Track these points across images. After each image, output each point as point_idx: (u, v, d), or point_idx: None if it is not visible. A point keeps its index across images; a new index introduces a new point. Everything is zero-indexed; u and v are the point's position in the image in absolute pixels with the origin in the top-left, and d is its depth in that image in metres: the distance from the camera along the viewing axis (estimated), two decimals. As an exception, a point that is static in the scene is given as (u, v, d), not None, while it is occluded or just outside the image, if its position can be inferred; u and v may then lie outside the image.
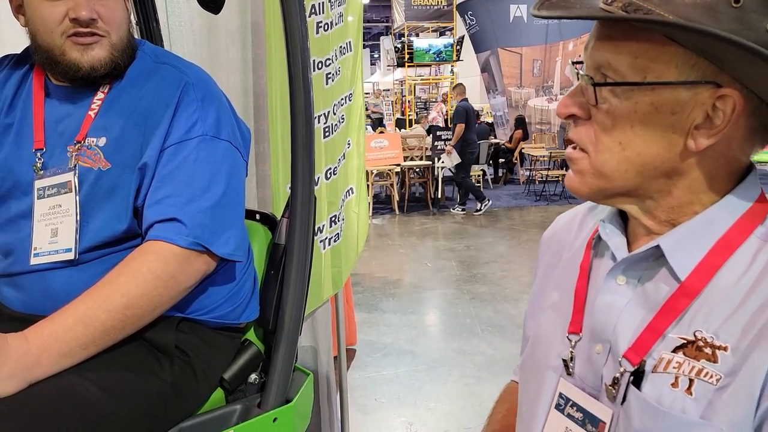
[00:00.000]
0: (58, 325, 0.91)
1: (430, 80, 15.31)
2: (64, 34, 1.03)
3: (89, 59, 1.04)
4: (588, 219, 0.82)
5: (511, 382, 1.00)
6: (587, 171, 0.67)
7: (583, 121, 0.66)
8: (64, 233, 1.02)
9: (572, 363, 0.71)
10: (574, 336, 0.72)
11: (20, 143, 1.08)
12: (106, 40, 1.06)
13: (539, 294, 0.85)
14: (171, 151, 1.05)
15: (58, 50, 1.04)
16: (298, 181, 1.19)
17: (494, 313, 4.16)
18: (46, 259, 1.02)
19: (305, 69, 1.15)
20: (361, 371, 3.29)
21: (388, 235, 6.90)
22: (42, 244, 1.03)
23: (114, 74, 1.09)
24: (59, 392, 0.89)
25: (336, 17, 2.31)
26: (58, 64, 1.05)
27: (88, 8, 1.01)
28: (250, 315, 1.22)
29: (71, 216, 1.03)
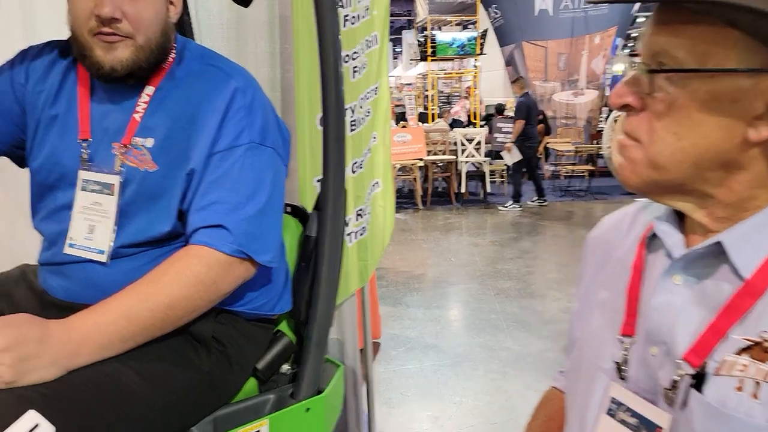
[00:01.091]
0: (101, 318, 0.93)
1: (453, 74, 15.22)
2: (91, 31, 1.02)
3: (110, 59, 1.03)
4: (639, 218, 0.79)
5: (552, 389, 0.96)
6: (640, 161, 0.64)
7: (637, 111, 0.64)
8: (100, 234, 1.04)
9: (625, 366, 0.69)
10: (627, 338, 0.70)
11: (65, 135, 1.10)
12: (130, 41, 1.04)
13: (588, 295, 0.82)
14: (218, 157, 1.05)
15: (87, 46, 1.04)
16: (330, 175, 1.20)
17: (520, 309, 4.13)
18: (79, 253, 1.05)
19: (337, 64, 1.16)
20: (386, 365, 3.30)
21: (412, 230, 6.90)
22: (78, 236, 1.05)
23: (142, 75, 1.08)
24: (102, 378, 0.91)
25: (362, 10, 2.31)
26: (86, 59, 1.05)
27: (111, 6, 1.00)
28: (283, 307, 1.23)
29: (109, 219, 1.04)
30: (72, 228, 1.06)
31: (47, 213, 1.12)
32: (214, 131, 1.06)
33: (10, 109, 1.14)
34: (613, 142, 0.67)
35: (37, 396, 0.83)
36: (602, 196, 8.80)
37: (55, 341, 0.88)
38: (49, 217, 1.12)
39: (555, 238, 6.40)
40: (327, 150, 1.19)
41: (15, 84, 1.14)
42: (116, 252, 1.05)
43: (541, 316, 3.98)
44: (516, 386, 2.99)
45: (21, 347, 0.84)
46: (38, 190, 1.14)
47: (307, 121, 2.14)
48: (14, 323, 0.87)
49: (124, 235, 1.05)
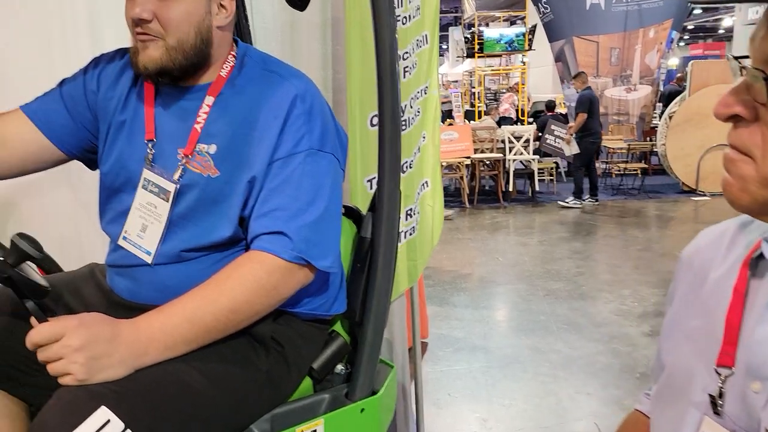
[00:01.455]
0: (167, 320, 0.96)
1: (500, 71, 15.05)
2: (133, 33, 1.07)
3: (142, 58, 1.07)
4: (741, 236, 0.72)
5: (635, 412, 0.90)
6: (751, 178, 0.58)
7: (748, 122, 0.59)
8: (150, 235, 1.08)
9: (721, 400, 0.63)
10: (725, 369, 0.64)
11: (133, 139, 1.14)
12: (161, 41, 1.06)
13: (679, 317, 0.76)
14: (279, 164, 1.07)
15: (133, 48, 1.09)
16: (385, 176, 1.20)
17: (570, 311, 4.05)
18: (130, 248, 1.09)
19: (393, 65, 1.15)
20: (434, 365, 3.29)
21: (458, 229, 6.86)
22: (132, 232, 1.09)
23: (174, 75, 1.10)
24: (167, 378, 0.94)
25: (413, 10, 2.31)
26: (132, 61, 1.10)
27: (140, 7, 1.03)
28: (338, 308, 1.24)
29: (161, 223, 1.08)
30: (128, 222, 1.10)
31: (113, 216, 1.17)
32: (275, 138, 1.08)
33: (83, 116, 1.19)
34: (723, 158, 0.60)
35: (108, 393, 0.87)
36: (656, 194, 8.54)
37: (124, 341, 0.91)
38: (115, 220, 1.16)
39: (607, 238, 6.25)
40: (382, 151, 1.19)
41: (88, 91, 1.19)
42: (179, 256, 1.08)
43: (593, 319, 3.90)
44: (566, 390, 2.94)
45: (93, 346, 0.88)
46: (106, 193, 1.18)
47: (358, 121, 2.16)
48: (87, 323, 0.90)
49: (186, 239, 1.08)
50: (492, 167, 8.70)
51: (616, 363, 3.22)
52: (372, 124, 2.19)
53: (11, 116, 1.18)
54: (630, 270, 4.98)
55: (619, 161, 9.71)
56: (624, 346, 3.44)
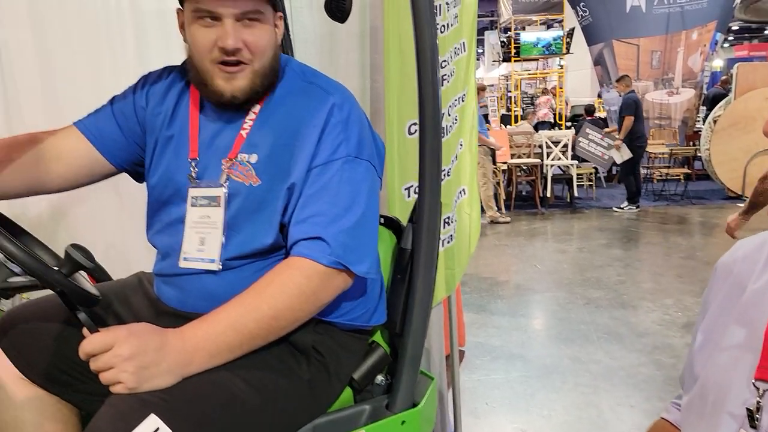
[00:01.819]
0: (211, 328, 0.98)
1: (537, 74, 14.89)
2: (213, 61, 1.09)
3: (231, 88, 1.10)
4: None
5: (661, 420, 0.90)
6: None
7: None
8: (210, 244, 1.10)
9: (759, 414, 0.62)
10: (763, 383, 0.63)
11: (179, 154, 1.18)
12: (248, 68, 1.10)
13: (715, 328, 0.75)
14: (317, 171, 1.09)
15: (207, 74, 1.10)
16: (426, 187, 1.20)
17: (611, 320, 3.97)
18: (193, 264, 1.11)
19: (435, 76, 1.15)
20: (471, 374, 3.26)
21: (495, 235, 6.80)
22: (191, 249, 1.12)
23: (255, 99, 1.13)
24: (213, 386, 0.96)
25: (452, 18, 2.31)
26: (206, 86, 1.12)
27: (234, 38, 1.06)
28: (378, 318, 1.25)
29: (218, 229, 1.10)
30: (185, 242, 1.13)
31: (161, 227, 1.20)
32: (313, 146, 1.10)
33: (133, 131, 1.24)
34: None
35: (158, 401, 0.89)
36: (700, 201, 8.31)
37: (171, 350, 0.94)
38: (163, 231, 1.20)
39: (648, 246, 6.11)
40: (423, 163, 1.19)
41: (137, 107, 1.24)
42: (224, 264, 1.11)
43: (635, 328, 3.81)
44: (608, 401, 2.88)
45: (143, 356, 0.91)
46: (154, 205, 1.22)
47: (395, 129, 2.17)
48: (136, 332, 0.93)
49: (230, 248, 1.11)
50: (529, 173, 8.61)
51: (660, 375, 3.14)
52: (410, 132, 2.19)
53: (66, 132, 1.23)
54: (673, 278, 4.86)
55: (661, 166, 9.49)
56: (668, 358, 3.35)
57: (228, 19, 1.06)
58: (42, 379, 1.14)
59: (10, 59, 2.18)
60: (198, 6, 1.06)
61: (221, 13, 1.06)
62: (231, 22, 1.06)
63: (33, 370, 1.14)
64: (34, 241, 1.20)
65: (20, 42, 2.18)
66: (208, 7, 1.05)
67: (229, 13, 1.06)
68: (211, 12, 1.06)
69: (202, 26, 1.08)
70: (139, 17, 2.19)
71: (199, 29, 1.08)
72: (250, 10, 1.07)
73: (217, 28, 1.07)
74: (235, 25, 1.06)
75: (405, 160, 2.20)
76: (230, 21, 1.06)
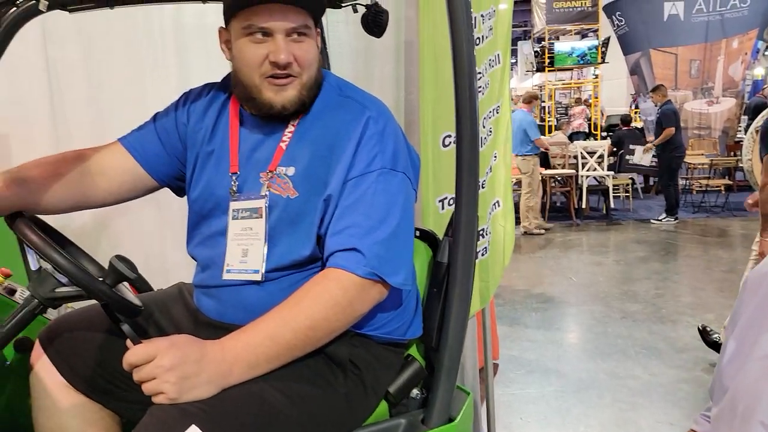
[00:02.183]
0: (250, 339, 0.99)
1: (571, 84, 14.73)
2: (263, 75, 1.12)
3: (281, 99, 1.12)
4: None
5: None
6: None
7: None
8: (253, 255, 1.12)
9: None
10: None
11: (219, 167, 1.20)
12: (297, 80, 1.13)
13: (746, 339, 0.76)
14: (353, 183, 1.10)
15: (255, 89, 1.13)
16: (462, 201, 1.20)
17: (649, 335, 3.88)
18: (236, 276, 1.13)
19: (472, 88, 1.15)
20: (505, 387, 3.22)
21: (529, 246, 6.72)
22: (233, 262, 1.14)
23: (302, 110, 1.16)
24: (251, 397, 0.98)
25: (486, 31, 2.31)
26: (254, 100, 1.14)
27: (286, 53, 1.09)
28: (414, 332, 1.25)
29: (260, 240, 1.12)
30: (228, 255, 1.15)
31: (201, 239, 1.23)
32: (349, 158, 1.11)
33: (174, 147, 1.27)
34: None
35: (198, 411, 0.91)
36: (741, 213, 8.06)
37: (211, 361, 0.95)
38: (203, 243, 1.22)
39: (688, 259, 5.95)
40: (460, 178, 1.19)
41: (179, 124, 1.28)
42: (264, 276, 1.12)
43: (674, 344, 3.71)
44: (647, 419, 2.81)
45: (183, 366, 0.92)
46: (194, 219, 1.25)
47: (430, 141, 2.17)
48: (178, 344, 0.95)
49: (269, 260, 1.13)
50: (564, 183, 8.49)
51: (701, 392, 3.05)
52: (444, 144, 2.20)
53: (111, 148, 1.27)
54: (714, 292, 4.72)
55: (701, 177, 9.25)
56: (709, 374, 3.25)
57: (279, 34, 1.09)
58: (85, 387, 1.18)
59: (58, 75, 2.27)
60: (250, 23, 1.09)
61: (273, 29, 1.09)
62: (282, 38, 1.09)
63: (77, 378, 1.17)
64: (80, 252, 1.24)
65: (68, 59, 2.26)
66: (260, 23, 1.09)
67: (281, 28, 1.09)
68: (262, 28, 1.09)
69: (252, 42, 1.11)
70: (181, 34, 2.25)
71: (250, 45, 1.11)
72: (299, 26, 1.11)
73: (269, 43, 1.10)
74: (285, 40, 1.10)
75: (439, 172, 2.20)
76: (281, 36, 1.09)
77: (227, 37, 1.18)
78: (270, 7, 1.08)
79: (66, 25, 2.20)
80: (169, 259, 2.40)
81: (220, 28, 1.20)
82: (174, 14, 2.23)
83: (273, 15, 1.08)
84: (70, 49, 2.25)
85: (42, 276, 1.10)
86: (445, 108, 2.15)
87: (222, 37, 1.20)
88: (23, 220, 1.09)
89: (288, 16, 1.09)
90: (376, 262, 1.05)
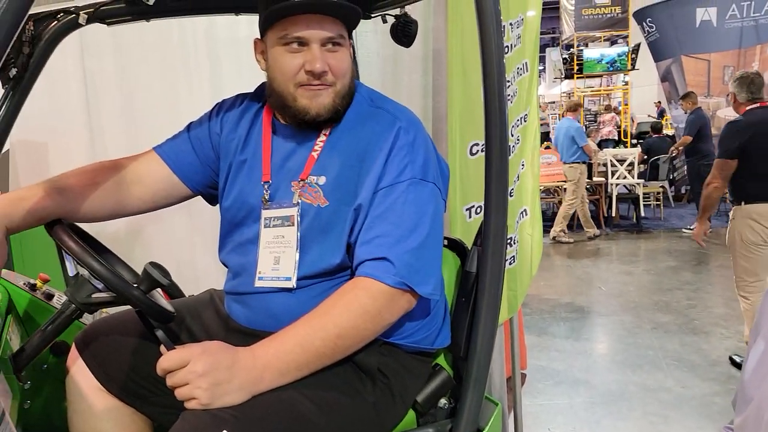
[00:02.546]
0: (280, 346, 1.00)
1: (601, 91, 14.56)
2: (298, 84, 1.14)
3: (316, 106, 1.14)
4: None
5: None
6: None
7: None
8: (285, 262, 1.14)
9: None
10: None
11: (252, 177, 1.22)
12: (332, 88, 1.15)
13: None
14: (383, 193, 1.11)
15: (290, 97, 1.15)
16: (492, 211, 1.19)
17: (681, 347, 3.80)
18: (269, 284, 1.14)
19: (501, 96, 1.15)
20: (533, 398, 3.18)
21: (558, 255, 6.65)
22: (266, 269, 1.15)
23: (335, 118, 1.18)
24: (281, 405, 0.99)
25: (515, 39, 2.30)
26: (289, 108, 1.16)
27: (321, 62, 1.11)
28: (443, 341, 1.25)
29: (292, 248, 1.14)
30: (260, 263, 1.17)
31: (233, 247, 1.25)
32: (380, 168, 1.12)
33: (208, 156, 1.30)
34: None
35: (229, 417, 0.92)
36: (776, 221, 7.86)
37: (242, 367, 0.97)
38: (235, 251, 1.24)
39: (721, 269, 5.81)
40: (489, 186, 1.19)
41: (212, 133, 1.30)
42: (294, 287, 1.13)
43: (707, 356, 3.62)
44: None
45: (215, 373, 0.94)
46: (227, 227, 1.27)
47: (458, 150, 2.17)
48: (210, 350, 0.97)
49: (300, 267, 1.14)
50: (593, 191, 8.38)
51: (735, 407, 2.97)
52: (471, 152, 2.19)
53: (146, 157, 1.30)
54: (749, 304, 4.60)
55: (734, 185, 9.04)
56: (744, 388, 3.17)
57: (315, 44, 1.11)
58: (119, 391, 1.20)
59: (95, 86, 2.33)
60: (287, 33, 1.11)
61: (309, 38, 1.11)
62: (317, 47, 1.12)
63: (111, 382, 1.20)
64: (116, 259, 1.27)
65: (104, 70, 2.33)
66: (297, 33, 1.11)
67: (317, 38, 1.11)
68: (299, 37, 1.11)
69: (288, 51, 1.13)
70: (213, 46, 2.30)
71: (286, 55, 1.13)
72: (335, 36, 1.13)
73: (304, 52, 1.12)
74: (321, 50, 1.12)
75: (467, 181, 2.19)
76: (317, 46, 1.12)
77: (263, 48, 1.20)
78: (307, 17, 1.10)
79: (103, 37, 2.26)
80: (199, 266, 2.44)
81: (256, 40, 1.22)
82: (207, 26, 2.28)
83: (310, 25, 1.11)
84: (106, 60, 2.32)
85: (79, 282, 1.13)
86: (473, 116, 2.15)
87: (257, 48, 1.22)
88: (62, 228, 1.12)
89: (324, 25, 1.11)
90: (406, 272, 1.06)
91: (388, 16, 1.63)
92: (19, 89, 1.38)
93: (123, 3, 1.41)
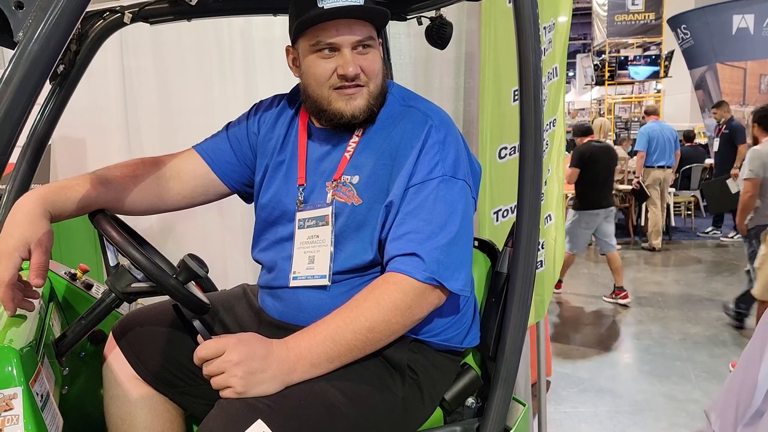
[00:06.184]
0: (313, 339, 1.02)
1: (632, 99, 14.36)
2: (332, 87, 1.16)
3: (351, 108, 1.16)
4: None
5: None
6: None
7: None
8: (320, 261, 1.16)
9: None
10: None
11: (288, 178, 1.25)
12: (365, 89, 1.17)
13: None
14: (414, 190, 1.13)
15: (325, 101, 1.17)
16: (524, 213, 1.20)
17: (710, 358, 3.73)
18: (303, 282, 1.17)
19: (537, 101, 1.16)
20: (557, 405, 3.16)
21: (584, 263, 6.57)
22: (300, 268, 1.18)
23: (369, 119, 1.20)
24: (313, 396, 1.01)
25: (546, 43, 2.30)
26: (325, 112, 1.19)
27: (354, 65, 1.14)
28: (471, 341, 1.25)
29: (327, 246, 1.16)
30: (294, 263, 1.19)
31: (267, 245, 1.28)
32: (411, 166, 1.14)
33: (245, 155, 1.33)
34: None
35: (264, 407, 0.94)
36: (813, 234, 7.66)
37: (276, 358, 0.99)
38: (268, 248, 1.27)
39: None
40: (522, 189, 1.19)
41: (250, 133, 1.34)
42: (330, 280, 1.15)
43: (737, 369, 3.55)
44: (707, 445, 2.69)
45: (250, 362, 0.96)
46: (261, 225, 1.30)
47: (488, 153, 2.17)
48: (245, 340, 0.99)
49: (334, 264, 1.16)
50: (622, 200, 8.26)
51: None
52: (500, 156, 2.19)
53: (186, 154, 1.34)
54: (782, 317, 4.49)
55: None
56: (775, 403, 3.10)
57: (346, 48, 1.13)
58: (153, 380, 1.23)
59: (133, 83, 2.39)
60: (318, 39, 1.14)
61: (340, 44, 1.13)
62: (348, 51, 1.14)
63: (146, 371, 1.23)
64: (154, 251, 1.31)
65: (142, 68, 2.38)
66: (327, 39, 1.13)
67: (347, 42, 1.13)
68: (330, 44, 1.13)
69: (321, 58, 1.15)
70: (248, 46, 2.34)
71: (318, 61, 1.15)
72: (365, 38, 1.15)
73: (336, 57, 1.14)
74: (352, 53, 1.14)
75: (496, 184, 2.19)
76: (348, 50, 1.14)
77: (295, 55, 1.22)
78: (336, 23, 1.12)
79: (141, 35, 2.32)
80: (228, 263, 2.48)
81: (288, 47, 1.25)
82: (243, 26, 2.32)
83: (339, 30, 1.12)
84: (144, 59, 2.37)
85: (120, 271, 1.16)
86: (503, 120, 2.15)
87: (290, 56, 1.25)
88: (105, 218, 1.15)
89: (353, 29, 1.13)
90: (436, 267, 1.07)
91: (423, 18, 1.64)
92: (66, 85, 1.43)
93: (166, 3, 1.45)
